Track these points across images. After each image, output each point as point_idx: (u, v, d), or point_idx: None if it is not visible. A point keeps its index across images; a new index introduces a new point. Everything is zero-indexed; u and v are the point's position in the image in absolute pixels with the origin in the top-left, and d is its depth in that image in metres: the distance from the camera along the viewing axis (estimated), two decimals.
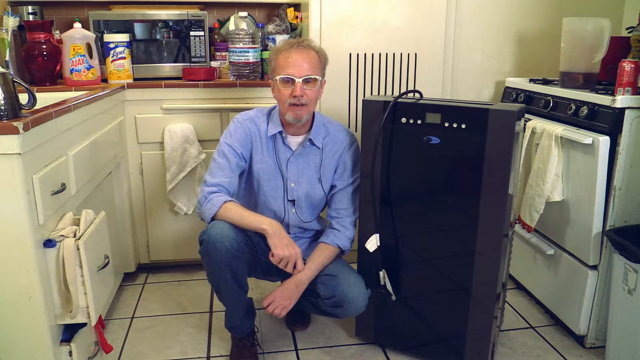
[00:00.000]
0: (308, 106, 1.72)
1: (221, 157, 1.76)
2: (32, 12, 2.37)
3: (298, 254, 1.68)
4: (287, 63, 1.69)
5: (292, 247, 1.67)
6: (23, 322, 1.41)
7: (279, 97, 1.73)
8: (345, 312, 1.76)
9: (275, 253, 1.64)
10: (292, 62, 1.68)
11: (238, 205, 1.71)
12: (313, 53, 1.72)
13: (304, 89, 1.68)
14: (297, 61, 1.68)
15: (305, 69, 1.68)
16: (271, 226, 1.65)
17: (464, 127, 1.60)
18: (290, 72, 1.68)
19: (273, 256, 1.65)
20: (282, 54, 1.70)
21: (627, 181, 1.77)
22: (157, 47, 2.43)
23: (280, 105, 1.74)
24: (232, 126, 1.80)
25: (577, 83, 2.03)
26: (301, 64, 1.68)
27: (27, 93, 1.42)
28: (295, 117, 1.72)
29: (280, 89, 1.71)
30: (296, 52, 1.69)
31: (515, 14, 2.46)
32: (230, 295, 1.73)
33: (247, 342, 1.84)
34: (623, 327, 1.74)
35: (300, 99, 1.68)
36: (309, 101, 1.71)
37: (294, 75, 1.68)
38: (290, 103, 1.70)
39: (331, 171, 1.83)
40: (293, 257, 1.66)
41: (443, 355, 1.81)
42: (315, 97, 1.75)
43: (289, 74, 1.68)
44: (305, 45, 1.72)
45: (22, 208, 1.32)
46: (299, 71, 1.68)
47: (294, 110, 1.70)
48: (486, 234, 1.63)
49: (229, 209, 1.67)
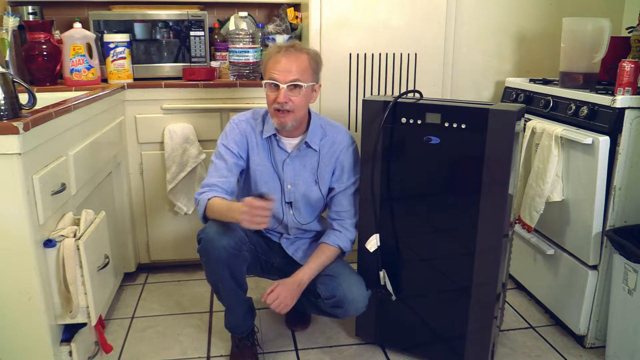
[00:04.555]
0: (294, 112, 1.68)
1: (218, 158, 1.76)
2: (32, 12, 2.37)
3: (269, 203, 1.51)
4: (274, 67, 1.66)
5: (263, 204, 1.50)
6: (23, 322, 1.41)
7: (267, 101, 1.71)
8: (345, 313, 1.75)
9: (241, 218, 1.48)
10: (279, 66, 1.65)
11: (220, 200, 1.66)
12: (304, 57, 1.68)
13: (288, 96, 1.65)
14: (284, 66, 1.65)
15: (292, 74, 1.65)
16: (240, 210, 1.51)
17: (464, 127, 1.60)
18: (275, 76, 1.65)
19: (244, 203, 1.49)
20: (272, 58, 1.68)
21: (627, 181, 1.77)
22: (157, 47, 2.43)
23: (269, 109, 1.72)
24: (228, 127, 1.80)
25: (577, 83, 2.03)
26: (288, 69, 1.65)
27: (27, 93, 1.43)
28: (279, 124, 1.70)
29: (267, 94, 1.70)
30: (285, 56, 1.66)
31: (515, 14, 2.46)
32: (229, 294, 1.72)
33: (247, 342, 1.84)
34: (623, 327, 1.74)
35: (284, 105, 1.65)
36: (294, 107, 1.67)
37: (278, 81, 1.65)
38: (275, 109, 1.68)
39: (329, 173, 1.82)
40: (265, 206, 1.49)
41: (443, 355, 1.81)
42: (303, 103, 1.70)
43: (273, 79, 1.66)
44: (297, 48, 1.69)
45: (22, 208, 1.32)
46: (285, 77, 1.65)
47: (278, 116, 1.68)
48: (486, 234, 1.63)
49: (211, 206, 1.67)
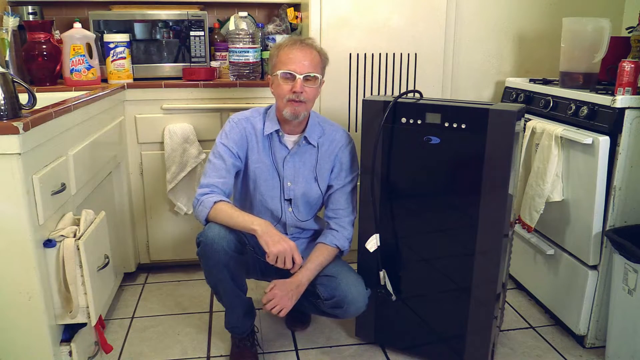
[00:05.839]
0: (306, 104, 1.72)
1: (217, 157, 1.76)
2: (32, 12, 2.37)
3: (293, 247, 1.61)
4: (289, 59, 1.69)
5: (285, 241, 1.60)
6: (23, 322, 1.41)
7: (278, 93, 1.72)
8: (345, 313, 1.75)
9: (269, 251, 1.58)
10: (294, 58, 1.68)
11: (229, 206, 1.69)
12: (315, 52, 1.72)
13: (304, 86, 1.69)
14: (298, 58, 1.68)
15: (307, 66, 1.68)
16: (260, 226, 1.61)
17: (464, 127, 1.60)
18: (291, 67, 1.68)
19: (268, 257, 1.60)
20: (284, 50, 1.71)
21: (627, 181, 1.77)
22: (157, 47, 2.43)
23: (279, 101, 1.74)
24: (227, 126, 1.79)
25: (577, 83, 2.03)
26: (303, 61, 1.68)
27: (27, 93, 1.42)
28: (293, 114, 1.71)
29: (280, 84, 1.70)
30: (299, 49, 1.70)
31: (515, 14, 2.46)
32: (229, 295, 1.72)
33: (247, 342, 1.84)
34: (623, 327, 1.74)
35: (300, 95, 1.68)
36: (307, 99, 1.71)
37: (295, 72, 1.68)
38: (290, 99, 1.69)
39: (327, 170, 1.83)
40: (288, 251, 1.60)
41: (443, 355, 1.81)
42: (314, 96, 1.74)
43: (290, 69, 1.68)
44: (308, 43, 1.73)
45: (22, 208, 1.32)
46: (301, 68, 1.68)
47: (293, 106, 1.70)
48: (486, 234, 1.63)
49: (219, 210, 1.66)
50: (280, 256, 1.60)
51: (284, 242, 1.60)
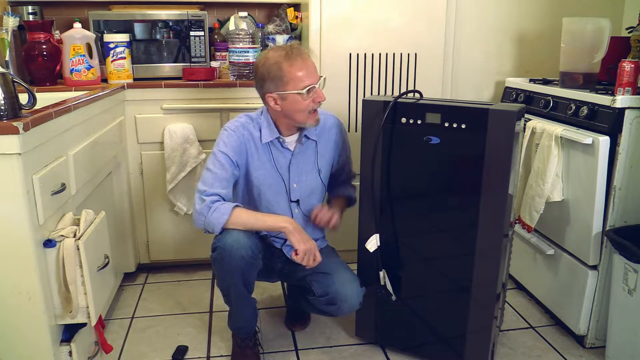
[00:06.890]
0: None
1: (218, 167, 1.69)
2: (32, 12, 2.38)
3: (315, 246, 1.70)
4: (305, 74, 1.64)
5: (310, 241, 1.69)
6: (23, 322, 1.41)
7: (297, 108, 1.66)
8: (339, 310, 1.76)
9: (300, 249, 1.65)
10: (307, 70, 1.64)
11: (248, 210, 1.71)
12: (309, 56, 1.70)
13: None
14: (310, 68, 1.66)
15: (315, 72, 1.68)
16: (290, 223, 1.67)
17: (464, 127, 1.60)
18: (309, 82, 1.64)
19: (298, 254, 1.66)
20: (292, 66, 1.63)
21: (627, 181, 1.77)
22: (157, 47, 2.43)
23: (299, 115, 1.68)
24: (224, 135, 1.73)
25: (577, 83, 2.03)
26: (312, 70, 1.67)
27: (27, 93, 1.43)
28: (317, 121, 1.73)
29: (300, 101, 1.65)
30: (301, 60, 1.64)
31: (515, 14, 2.46)
32: (239, 299, 1.73)
33: (249, 342, 1.84)
34: (623, 327, 1.74)
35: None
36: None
37: (314, 84, 1.66)
38: (313, 109, 1.69)
39: (329, 159, 1.86)
40: (313, 249, 1.68)
41: (443, 355, 1.81)
42: None
43: (310, 83, 1.64)
44: (301, 50, 1.68)
45: (22, 208, 1.32)
46: (314, 77, 1.66)
47: (314, 115, 1.71)
48: (486, 234, 1.63)
49: (240, 214, 1.65)
50: (308, 254, 1.67)
51: (310, 241, 1.69)
